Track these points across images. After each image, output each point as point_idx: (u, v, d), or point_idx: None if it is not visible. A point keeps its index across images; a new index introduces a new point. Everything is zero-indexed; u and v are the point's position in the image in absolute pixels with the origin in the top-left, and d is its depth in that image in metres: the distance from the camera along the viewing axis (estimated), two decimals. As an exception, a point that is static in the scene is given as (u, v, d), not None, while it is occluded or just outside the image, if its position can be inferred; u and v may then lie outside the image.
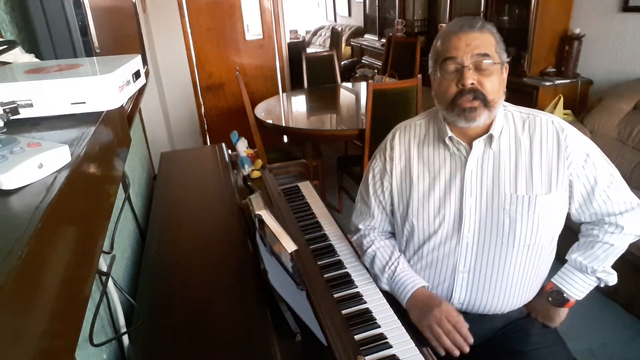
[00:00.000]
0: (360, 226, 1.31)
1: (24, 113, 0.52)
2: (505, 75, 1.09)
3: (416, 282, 1.16)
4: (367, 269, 1.27)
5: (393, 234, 1.31)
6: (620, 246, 1.10)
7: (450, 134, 1.11)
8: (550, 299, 1.16)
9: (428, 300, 1.12)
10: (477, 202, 1.11)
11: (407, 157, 1.19)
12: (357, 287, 1.18)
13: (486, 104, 1.03)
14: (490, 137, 1.08)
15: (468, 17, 1.08)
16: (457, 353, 1.01)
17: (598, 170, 1.06)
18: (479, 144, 1.09)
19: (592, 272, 1.11)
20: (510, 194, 1.08)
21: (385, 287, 1.20)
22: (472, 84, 1.02)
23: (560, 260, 1.18)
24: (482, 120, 1.04)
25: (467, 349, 1.01)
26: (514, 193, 1.08)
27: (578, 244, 1.15)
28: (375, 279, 1.23)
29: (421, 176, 1.17)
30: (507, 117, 1.12)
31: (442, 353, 1.03)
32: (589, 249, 1.12)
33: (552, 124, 1.09)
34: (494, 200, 1.09)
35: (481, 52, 1.02)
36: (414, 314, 1.13)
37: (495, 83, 1.03)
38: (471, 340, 1.02)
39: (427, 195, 1.16)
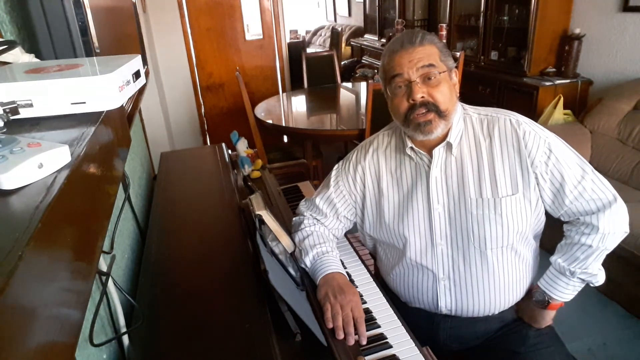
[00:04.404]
0: (306, 213, 1.30)
1: (24, 113, 0.52)
2: (455, 79, 1.10)
3: (341, 269, 1.16)
4: (368, 269, 1.27)
5: (336, 238, 1.31)
6: (600, 247, 1.05)
7: (410, 145, 1.12)
8: (533, 299, 1.15)
9: (346, 285, 1.10)
10: (444, 209, 1.11)
11: (377, 170, 1.20)
12: (357, 287, 1.18)
13: (440, 114, 1.04)
14: (449, 145, 1.09)
15: (408, 32, 1.09)
16: (342, 336, 0.98)
17: (564, 166, 1.04)
18: (438, 152, 1.10)
19: (571, 274, 1.09)
20: (476, 197, 1.07)
21: (307, 263, 1.18)
22: (423, 97, 1.03)
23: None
24: (439, 131, 1.06)
25: (352, 342, 0.97)
26: (479, 197, 1.07)
27: (560, 245, 1.13)
28: (300, 252, 1.21)
29: (390, 189, 1.18)
30: (465, 121, 1.12)
31: (330, 326, 1.00)
32: (568, 251, 1.10)
33: (510, 124, 1.08)
34: (460, 205, 1.09)
35: (426, 64, 1.03)
36: (324, 288, 1.09)
37: (445, 92, 1.04)
38: (364, 342, 0.98)
39: (398, 206, 1.16)
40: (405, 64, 1.04)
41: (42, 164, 0.39)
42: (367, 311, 1.09)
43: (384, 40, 5.59)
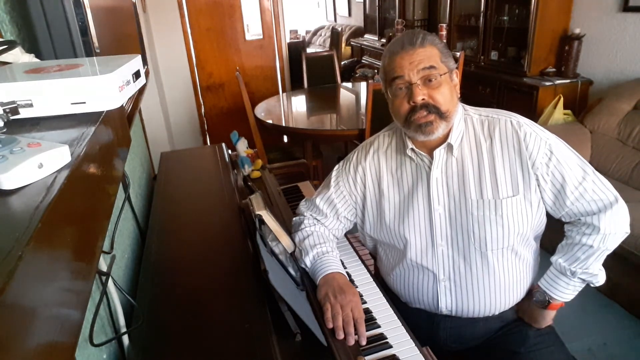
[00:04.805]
0: (306, 213, 1.29)
1: (24, 113, 0.52)
2: (456, 80, 1.10)
3: (341, 269, 1.16)
4: (368, 269, 1.27)
5: (336, 238, 1.31)
6: (602, 247, 1.06)
7: (411, 146, 1.12)
8: (534, 299, 1.15)
9: (346, 285, 1.10)
10: (445, 210, 1.11)
11: (377, 171, 1.20)
12: (357, 287, 1.18)
13: (441, 115, 1.04)
14: (449, 146, 1.09)
15: (409, 32, 1.08)
16: (342, 336, 0.98)
17: (565, 167, 1.04)
18: (439, 153, 1.10)
19: (572, 274, 1.09)
20: (477, 199, 1.07)
21: (307, 263, 1.18)
22: (423, 99, 1.03)
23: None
24: (440, 132, 1.06)
25: (352, 342, 0.97)
26: (480, 198, 1.07)
27: (561, 245, 1.13)
28: (300, 252, 1.21)
29: (391, 189, 1.18)
30: (466, 122, 1.12)
31: (330, 326, 1.00)
32: (569, 251, 1.10)
33: (510, 125, 1.08)
34: (461, 206, 1.09)
35: (426, 66, 1.02)
36: (324, 288, 1.09)
37: (446, 93, 1.04)
38: (363, 343, 0.98)
39: (398, 207, 1.16)
40: (405, 65, 1.03)
41: (42, 164, 0.39)
42: (367, 311, 1.09)
43: (384, 40, 5.59)
